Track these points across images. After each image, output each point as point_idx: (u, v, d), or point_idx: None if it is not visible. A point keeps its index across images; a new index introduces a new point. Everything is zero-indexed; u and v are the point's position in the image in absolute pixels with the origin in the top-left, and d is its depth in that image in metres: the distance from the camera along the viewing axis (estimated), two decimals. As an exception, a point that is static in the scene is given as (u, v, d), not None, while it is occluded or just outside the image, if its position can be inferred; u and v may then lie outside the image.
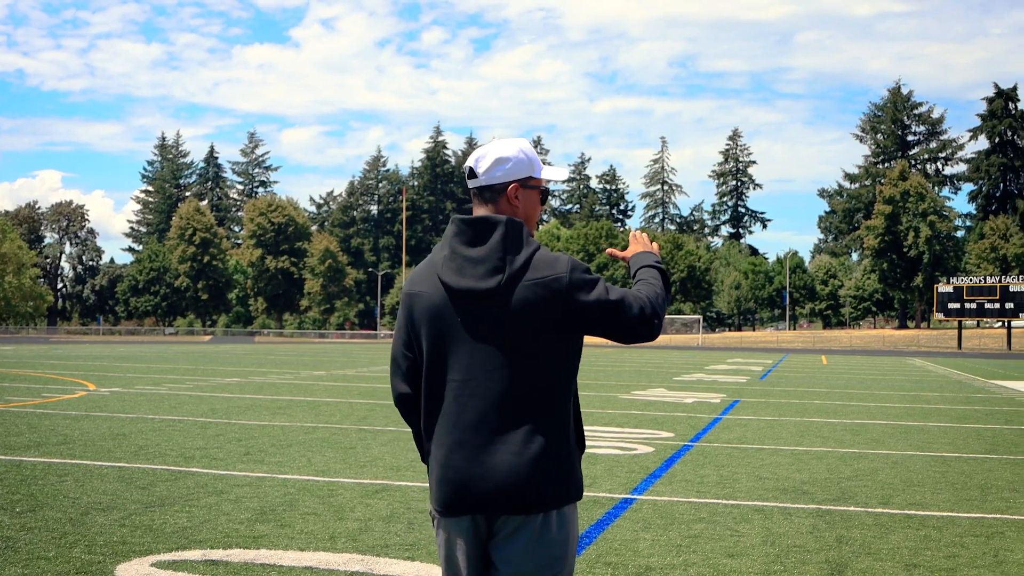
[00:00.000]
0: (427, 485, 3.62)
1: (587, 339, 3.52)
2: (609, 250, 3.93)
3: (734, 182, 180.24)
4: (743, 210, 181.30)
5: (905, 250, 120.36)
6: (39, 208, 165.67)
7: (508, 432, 3.31)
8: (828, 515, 9.00)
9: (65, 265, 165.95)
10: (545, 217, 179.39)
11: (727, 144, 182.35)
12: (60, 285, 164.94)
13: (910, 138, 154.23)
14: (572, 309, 3.31)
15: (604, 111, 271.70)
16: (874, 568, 7.09)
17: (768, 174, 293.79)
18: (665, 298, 3.54)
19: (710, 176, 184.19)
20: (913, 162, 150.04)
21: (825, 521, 8.72)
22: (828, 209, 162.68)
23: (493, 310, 3.33)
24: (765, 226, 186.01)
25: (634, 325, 3.38)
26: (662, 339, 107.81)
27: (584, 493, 9.76)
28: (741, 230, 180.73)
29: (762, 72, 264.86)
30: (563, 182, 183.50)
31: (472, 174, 3.52)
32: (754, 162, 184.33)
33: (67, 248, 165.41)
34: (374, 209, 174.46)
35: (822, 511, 9.19)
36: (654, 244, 3.84)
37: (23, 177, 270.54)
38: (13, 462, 11.43)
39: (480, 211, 3.49)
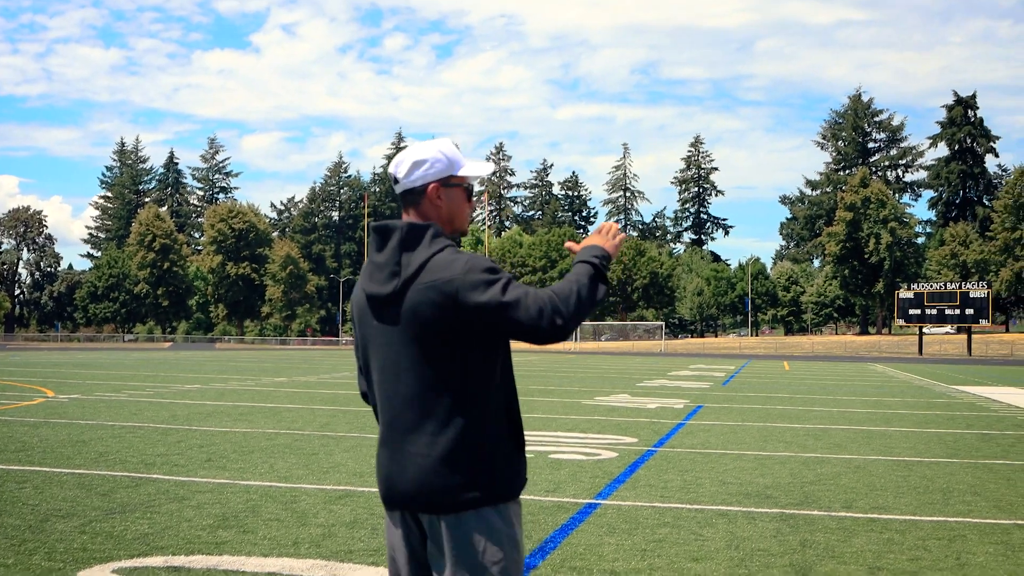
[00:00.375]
0: None
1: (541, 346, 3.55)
2: (568, 243, 3.89)
3: (696, 188, 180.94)
4: (705, 216, 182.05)
5: (866, 256, 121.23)
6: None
7: (418, 432, 3.36)
8: (792, 519, 9.02)
9: (23, 271, 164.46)
10: (507, 223, 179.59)
11: (689, 151, 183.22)
12: (17, 291, 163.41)
13: (871, 145, 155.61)
14: (463, 311, 3.28)
15: (566, 118, 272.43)
16: (838, 571, 7.10)
17: (730, 181, 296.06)
18: (585, 297, 3.37)
19: (672, 183, 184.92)
20: (874, 169, 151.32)
21: (789, 525, 8.74)
22: (790, 216, 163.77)
23: (393, 314, 3.39)
24: (727, 232, 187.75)
25: (532, 327, 3.27)
26: (624, 345, 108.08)
27: (547, 498, 9.78)
28: (703, 236, 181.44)
29: (723, 79, 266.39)
30: (488, 178, 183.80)
31: (395, 180, 3.53)
32: (716, 169, 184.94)
33: (24, 254, 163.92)
34: (336, 215, 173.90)
35: (786, 515, 9.21)
36: (617, 237, 3.70)
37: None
38: (-29, 469, 11.29)
39: (406, 216, 3.52)
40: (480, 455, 3.33)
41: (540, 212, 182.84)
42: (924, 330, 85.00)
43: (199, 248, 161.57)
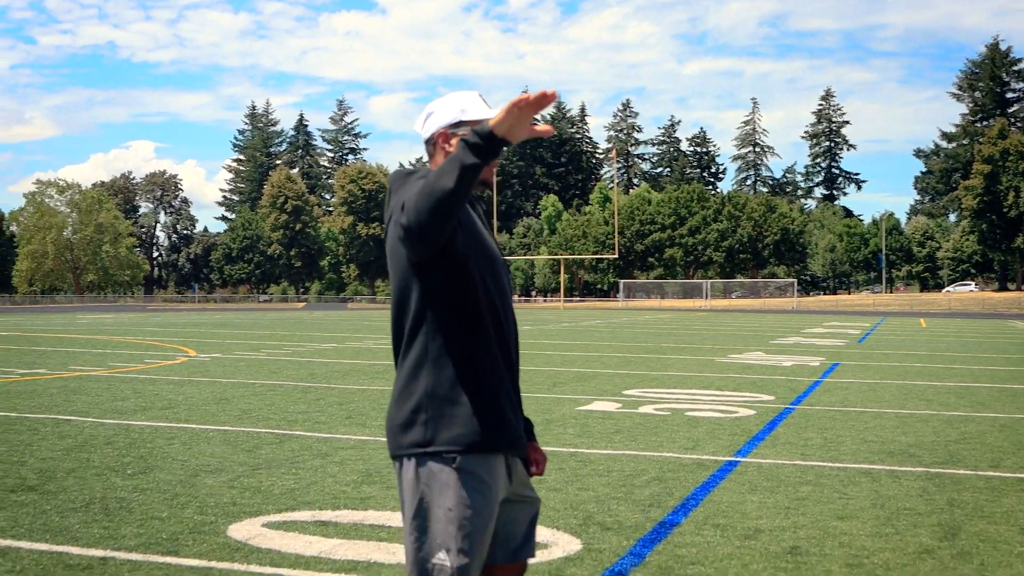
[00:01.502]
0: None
1: (682, 301, 3.32)
2: None
3: (827, 143, 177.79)
4: (837, 171, 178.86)
5: (1005, 210, 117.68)
6: (134, 178, 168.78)
7: (397, 373, 3.34)
8: (937, 478, 8.84)
9: (160, 234, 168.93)
10: (635, 181, 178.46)
11: (820, 104, 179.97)
12: (156, 254, 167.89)
13: (1009, 95, 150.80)
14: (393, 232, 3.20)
15: (694, 73, 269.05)
16: (989, 531, 6.94)
17: (862, 134, 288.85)
18: (430, 182, 2.94)
19: (803, 137, 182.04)
20: (1012, 120, 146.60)
21: (935, 484, 8.56)
22: (924, 169, 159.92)
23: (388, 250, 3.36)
24: (860, 187, 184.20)
25: (401, 235, 3.08)
26: (755, 303, 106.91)
27: (686, 455, 9.72)
28: (835, 192, 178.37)
29: (854, 30, 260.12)
30: (616, 135, 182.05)
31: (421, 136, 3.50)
32: (847, 122, 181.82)
33: (162, 217, 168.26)
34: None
35: (931, 474, 9.02)
36: (513, 100, 2.91)
37: (117, 148, 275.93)
38: (121, 426, 11.63)
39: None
40: (425, 400, 3.21)
41: (668, 169, 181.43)
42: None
43: (330, 209, 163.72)
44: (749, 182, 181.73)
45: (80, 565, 5.87)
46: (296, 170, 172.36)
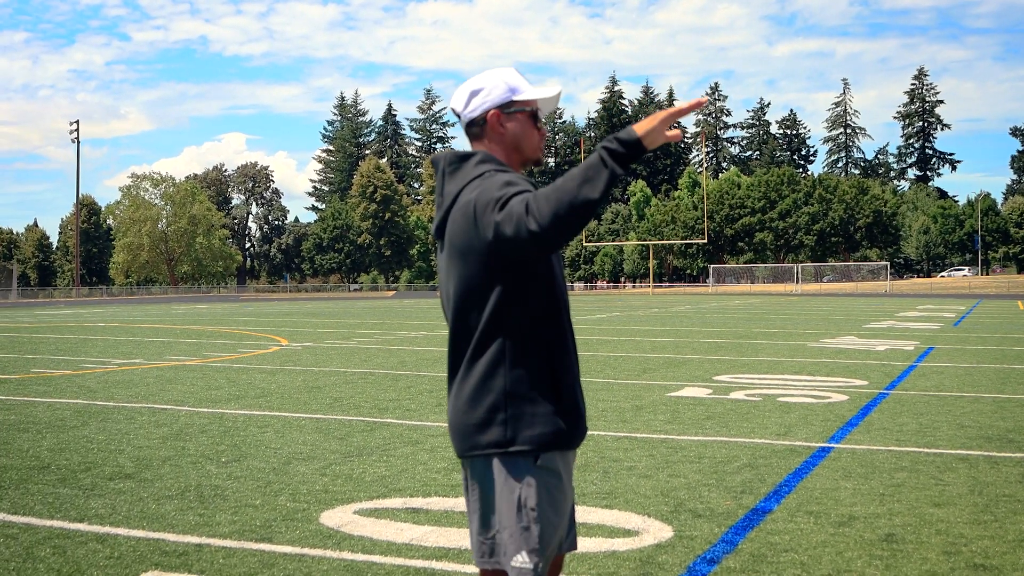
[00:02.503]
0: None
1: (772, 286, 3.23)
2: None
3: (920, 123, 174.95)
4: (930, 152, 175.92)
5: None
6: (226, 170, 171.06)
7: (454, 372, 3.28)
8: (1038, 463, 8.66)
9: (252, 225, 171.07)
10: (724, 165, 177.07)
11: (912, 84, 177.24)
12: (248, 245, 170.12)
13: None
14: (482, 233, 3.05)
15: (783, 54, 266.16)
16: (1093, 518, 6.78)
17: (956, 113, 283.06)
18: (569, 191, 2.85)
19: (895, 117, 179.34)
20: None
21: (1036, 469, 8.38)
22: (1022, 148, 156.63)
23: (442, 245, 3.26)
24: (954, 168, 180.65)
25: (514, 238, 2.93)
26: (847, 286, 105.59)
27: (778, 441, 9.62)
28: (929, 172, 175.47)
29: (948, 7, 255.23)
30: (704, 118, 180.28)
31: (458, 115, 3.36)
32: (941, 101, 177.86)
33: (253, 208, 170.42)
34: (551, 161, 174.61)
35: (1031, 459, 8.84)
36: (663, 112, 2.98)
37: (210, 141, 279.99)
38: (216, 414, 11.79)
39: (472, 149, 3.33)
40: (497, 400, 3.13)
41: (758, 152, 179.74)
42: None
43: (419, 198, 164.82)
44: (840, 164, 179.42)
45: (176, 552, 5.95)
46: (385, 159, 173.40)
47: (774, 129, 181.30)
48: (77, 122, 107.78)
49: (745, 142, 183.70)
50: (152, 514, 6.87)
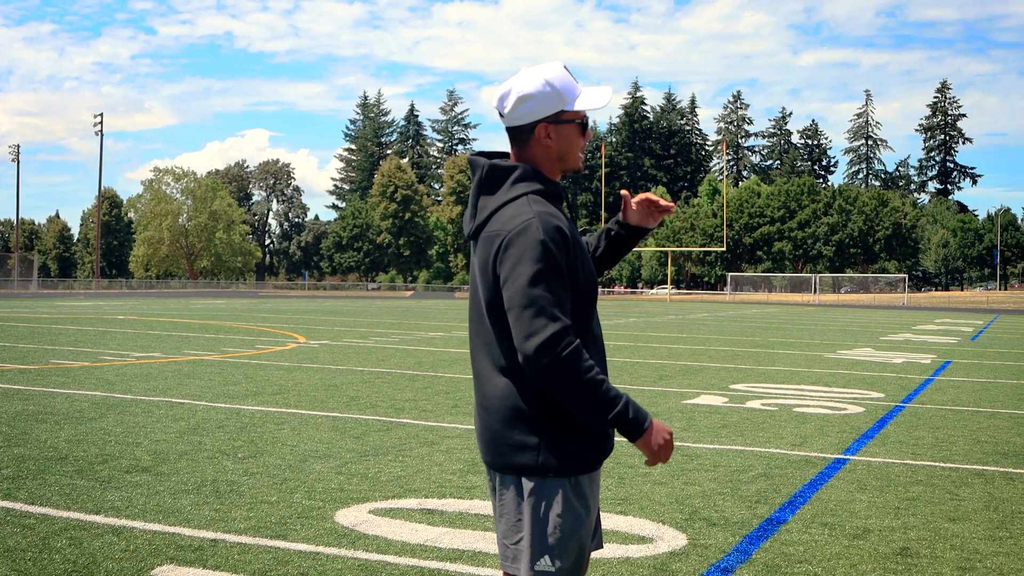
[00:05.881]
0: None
1: (783, 294, 3.20)
2: (624, 192, 3.62)
3: (942, 136, 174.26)
4: (952, 165, 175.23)
5: None
6: (247, 167, 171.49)
7: (482, 385, 3.20)
8: (1055, 480, 8.63)
9: (272, 222, 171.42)
10: (744, 173, 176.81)
11: (935, 97, 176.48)
12: (268, 241, 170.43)
13: None
14: (496, 273, 3.04)
15: (808, 64, 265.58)
16: (1109, 537, 6.75)
17: (979, 127, 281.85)
18: (581, 390, 2.93)
19: (917, 130, 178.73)
20: None
21: (1052, 486, 8.35)
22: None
23: (473, 257, 3.21)
24: (975, 182, 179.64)
25: (519, 343, 2.95)
26: (865, 298, 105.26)
27: (794, 451, 9.61)
28: (949, 186, 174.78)
29: (975, 20, 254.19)
30: (725, 127, 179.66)
31: (500, 114, 3.23)
32: (964, 115, 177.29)
33: (274, 205, 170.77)
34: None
35: (1048, 476, 8.81)
36: (662, 450, 3.10)
37: (232, 136, 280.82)
38: (232, 410, 11.83)
39: (512, 153, 3.23)
40: (527, 418, 3.08)
41: (779, 161, 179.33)
42: None
43: (439, 199, 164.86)
44: (861, 175, 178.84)
45: (191, 546, 5.98)
46: (406, 160, 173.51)
47: (795, 139, 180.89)
48: (101, 115, 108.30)
49: (766, 151, 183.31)
50: (168, 508, 6.90)
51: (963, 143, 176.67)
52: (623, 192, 3.65)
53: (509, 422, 3.11)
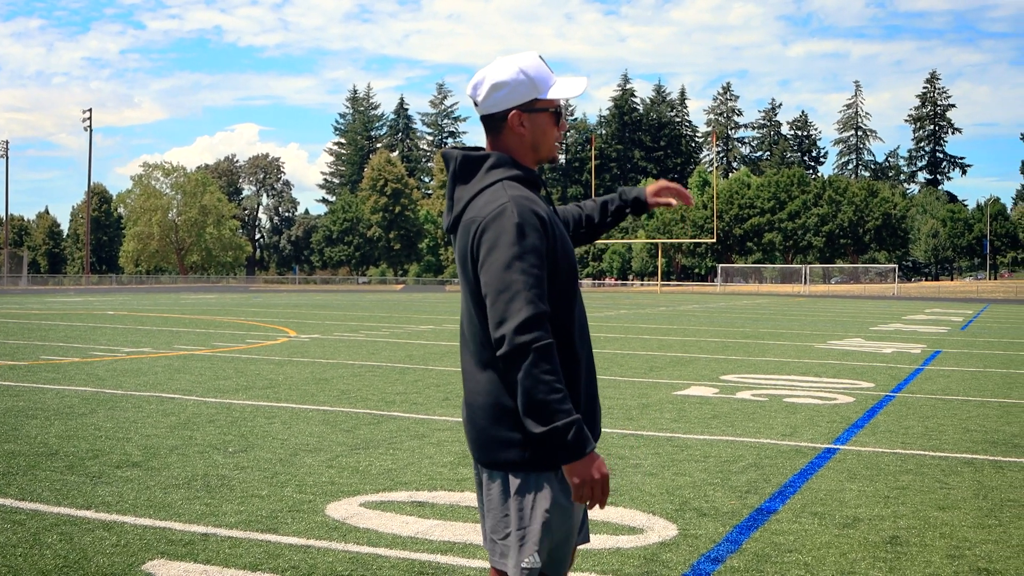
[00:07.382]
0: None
1: (771, 285, 3.19)
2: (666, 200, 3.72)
3: (932, 126, 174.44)
4: (941, 155, 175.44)
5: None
6: (237, 161, 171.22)
7: (467, 380, 3.22)
8: (1044, 468, 8.66)
9: (262, 216, 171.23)
10: (734, 165, 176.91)
11: (924, 87, 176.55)
12: (258, 236, 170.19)
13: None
14: (474, 259, 3.03)
15: (798, 55, 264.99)
16: (1097, 524, 6.78)
17: (968, 118, 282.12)
18: (538, 392, 2.86)
19: (906, 120, 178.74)
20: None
21: (1041, 475, 8.39)
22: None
23: (455, 250, 3.19)
24: (964, 172, 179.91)
25: (493, 328, 2.94)
26: (855, 288, 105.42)
27: (784, 442, 9.64)
28: (939, 176, 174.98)
29: (965, 11, 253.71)
30: (715, 119, 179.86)
31: (475, 103, 3.22)
32: (953, 106, 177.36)
33: (264, 200, 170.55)
34: (562, 158, 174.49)
35: (1037, 464, 8.84)
36: (595, 479, 2.98)
37: (222, 131, 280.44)
38: (223, 404, 11.83)
39: (487, 142, 3.23)
40: (510, 412, 3.06)
41: (768, 153, 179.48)
42: None
43: (429, 192, 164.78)
44: (850, 166, 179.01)
45: (182, 541, 5.98)
46: (396, 153, 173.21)
47: (785, 130, 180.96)
48: (90, 110, 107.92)
49: (756, 142, 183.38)
50: (159, 503, 6.90)
51: (953, 133, 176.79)
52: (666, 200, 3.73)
53: (494, 418, 3.10)
